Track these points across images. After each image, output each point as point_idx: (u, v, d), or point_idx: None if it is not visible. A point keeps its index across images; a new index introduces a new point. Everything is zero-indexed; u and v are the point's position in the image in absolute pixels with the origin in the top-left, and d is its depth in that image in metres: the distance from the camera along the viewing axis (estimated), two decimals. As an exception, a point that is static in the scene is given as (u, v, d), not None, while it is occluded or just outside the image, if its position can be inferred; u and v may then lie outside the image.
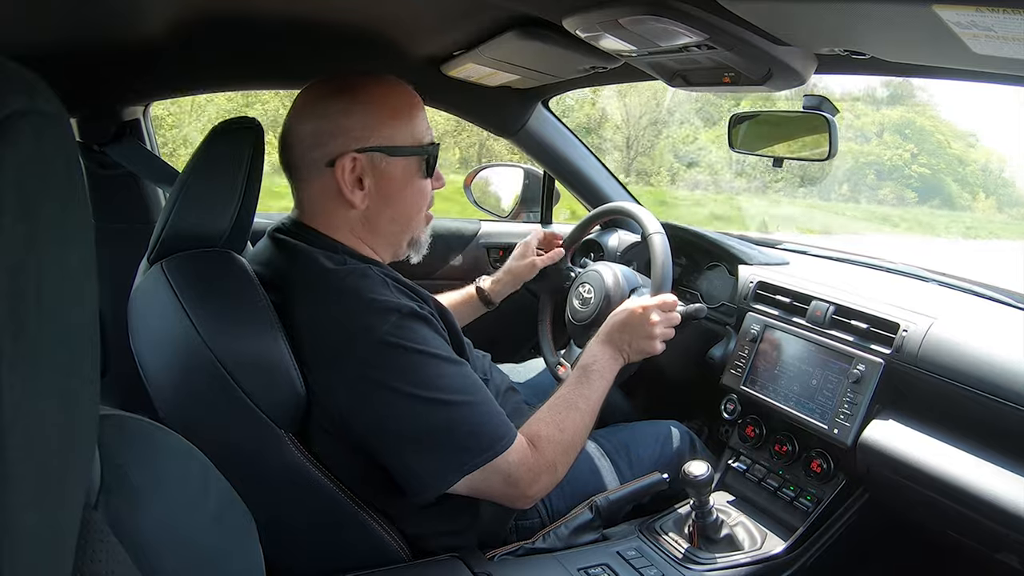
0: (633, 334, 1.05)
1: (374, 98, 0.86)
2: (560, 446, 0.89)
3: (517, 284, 1.31)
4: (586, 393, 0.96)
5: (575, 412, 0.93)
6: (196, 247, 0.84)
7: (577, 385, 0.98)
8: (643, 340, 1.05)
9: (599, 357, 1.02)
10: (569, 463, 0.91)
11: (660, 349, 1.07)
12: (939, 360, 0.97)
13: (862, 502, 1.06)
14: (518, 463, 0.84)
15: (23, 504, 0.26)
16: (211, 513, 0.52)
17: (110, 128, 1.26)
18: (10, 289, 0.24)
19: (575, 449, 0.92)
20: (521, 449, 0.85)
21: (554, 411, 0.93)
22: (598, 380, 0.99)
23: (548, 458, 0.87)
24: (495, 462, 0.82)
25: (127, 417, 0.47)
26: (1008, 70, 0.74)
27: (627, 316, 1.06)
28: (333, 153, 0.85)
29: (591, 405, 0.96)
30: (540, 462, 0.86)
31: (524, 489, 0.85)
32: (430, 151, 0.90)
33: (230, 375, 0.76)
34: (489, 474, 0.82)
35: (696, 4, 0.74)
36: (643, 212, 1.22)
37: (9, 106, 0.24)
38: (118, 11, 0.96)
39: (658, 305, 1.07)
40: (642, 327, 1.05)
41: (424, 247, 0.97)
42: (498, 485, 0.84)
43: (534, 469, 0.85)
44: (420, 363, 0.80)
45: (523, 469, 0.84)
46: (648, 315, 1.05)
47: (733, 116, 1.29)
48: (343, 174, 0.85)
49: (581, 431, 0.93)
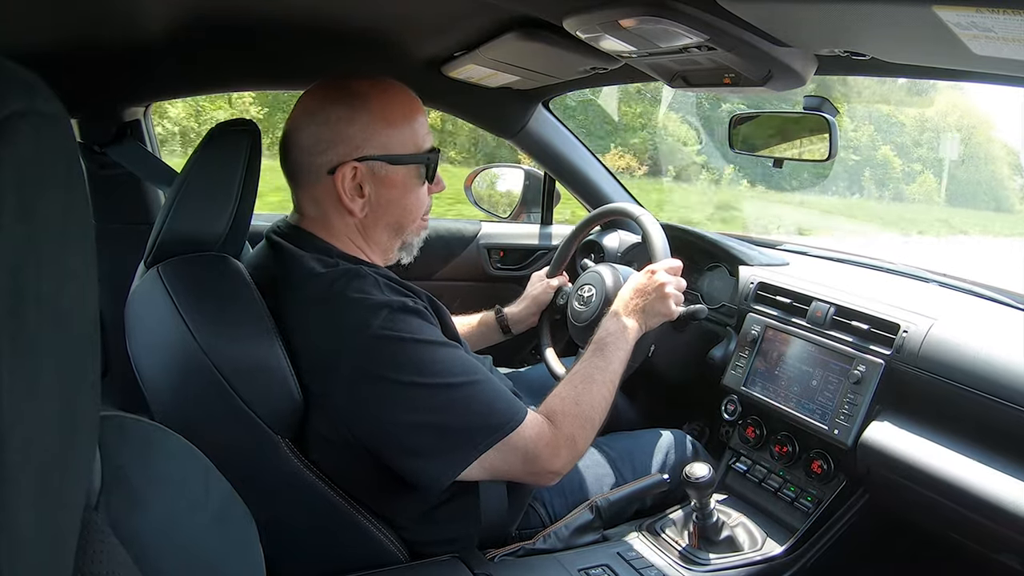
0: (648, 298, 1.04)
1: (376, 105, 0.86)
2: (577, 420, 0.88)
3: (537, 309, 1.31)
4: (601, 365, 0.95)
5: (592, 384, 0.93)
6: (193, 251, 0.84)
7: (592, 357, 0.97)
8: (657, 302, 1.04)
9: (615, 328, 1.01)
10: (589, 437, 0.90)
11: (676, 311, 1.06)
12: (939, 361, 0.97)
13: (862, 503, 1.06)
14: (535, 438, 0.83)
15: (23, 504, 0.25)
16: (212, 514, 0.52)
17: (111, 129, 1.26)
18: (10, 289, 0.24)
19: (593, 422, 0.91)
20: (537, 424, 0.84)
21: (570, 385, 0.92)
22: (614, 350, 0.98)
23: (566, 432, 0.87)
24: (510, 439, 0.81)
25: (127, 418, 0.47)
26: (1008, 71, 0.74)
27: (637, 284, 1.06)
28: (334, 161, 0.85)
29: (608, 376, 0.95)
30: (559, 436, 0.86)
31: (545, 464, 0.85)
32: (431, 158, 0.90)
33: (226, 381, 0.76)
34: (506, 453, 0.81)
35: (696, 5, 0.74)
36: (624, 204, 1.22)
37: (9, 106, 0.24)
38: (119, 11, 0.96)
39: (664, 268, 1.07)
40: (655, 289, 1.05)
41: (416, 249, 0.97)
42: (517, 463, 0.83)
43: (552, 444, 0.85)
44: (417, 351, 0.79)
45: (541, 444, 0.84)
46: (657, 278, 1.05)
47: (733, 117, 1.29)
48: (343, 182, 0.85)
49: (599, 403, 0.92)
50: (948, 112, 14.71)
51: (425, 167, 0.90)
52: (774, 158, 1.24)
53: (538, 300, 1.32)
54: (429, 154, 0.90)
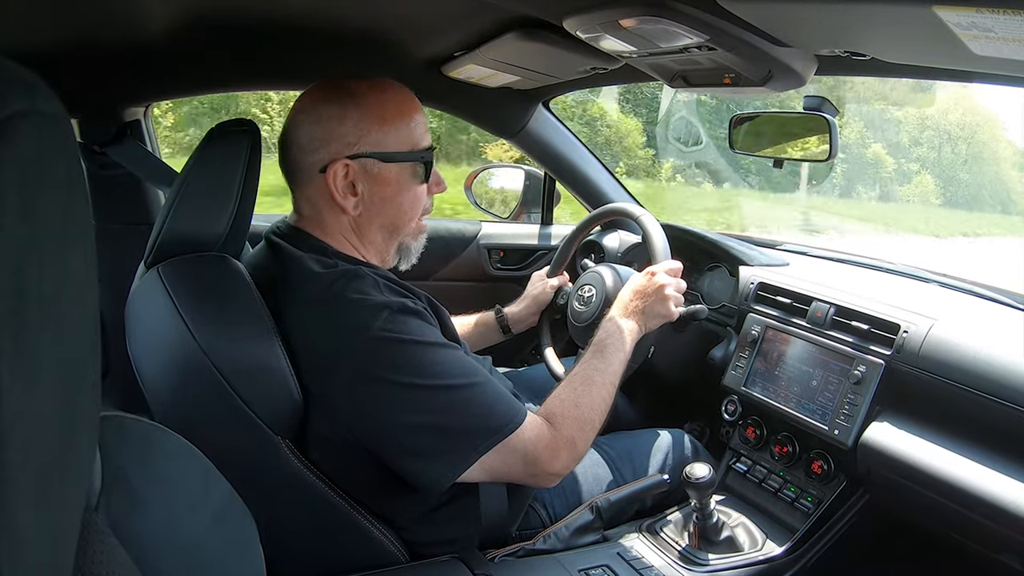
0: (647, 300, 1.04)
1: (369, 103, 0.86)
2: (577, 421, 0.88)
3: (537, 309, 1.32)
4: (601, 367, 0.95)
5: (591, 386, 0.92)
6: (193, 251, 0.84)
7: (592, 359, 0.97)
8: (657, 303, 1.04)
9: (614, 330, 1.01)
10: (589, 439, 0.90)
11: (676, 312, 1.06)
12: (940, 361, 0.97)
13: (863, 503, 1.06)
14: (534, 440, 0.83)
15: (23, 505, 0.25)
16: (212, 514, 0.52)
17: (111, 129, 1.26)
18: (11, 289, 0.24)
19: (593, 423, 0.91)
20: (536, 426, 0.84)
21: (569, 387, 0.92)
22: (614, 352, 0.98)
23: (566, 434, 0.87)
24: (510, 441, 0.81)
25: (127, 418, 0.47)
26: (1008, 71, 0.74)
27: (637, 285, 1.06)
28: (326, 159, 0.85)
29: (608, 378, 0.95)
30: (558, 438, 0.86)
31: (545, 466, 0.85)
32: (425, 156, 0.89)
33: (226, 381, 0.76)
34: (506, 455, 0.81)
35: (696, 5, 0.74)
36: (625, 204, 1.22)
37: (10, 106, 0.24)
38: (119, 12, 0.96)
39: (665, 270, 1.07)
40: (655, 291, 1.05)
41: (415, 255, 0.96)
42: (517, 465, 0.83)
43: (552, 446, 0.85)
44: (417, 353, 0.79)
45: (540, 446, 0.84)
46: (656, 279, 1.06)
47: (734, 117, 1.30)
48: (335, 180, 0.85)
49: (599, 405, 0.92)
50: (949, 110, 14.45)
51: (421, 166, 0.89)
52: (774, 158, 1.24)
53: (538, 300, 1.32)
54: (423, 152, 0.89)
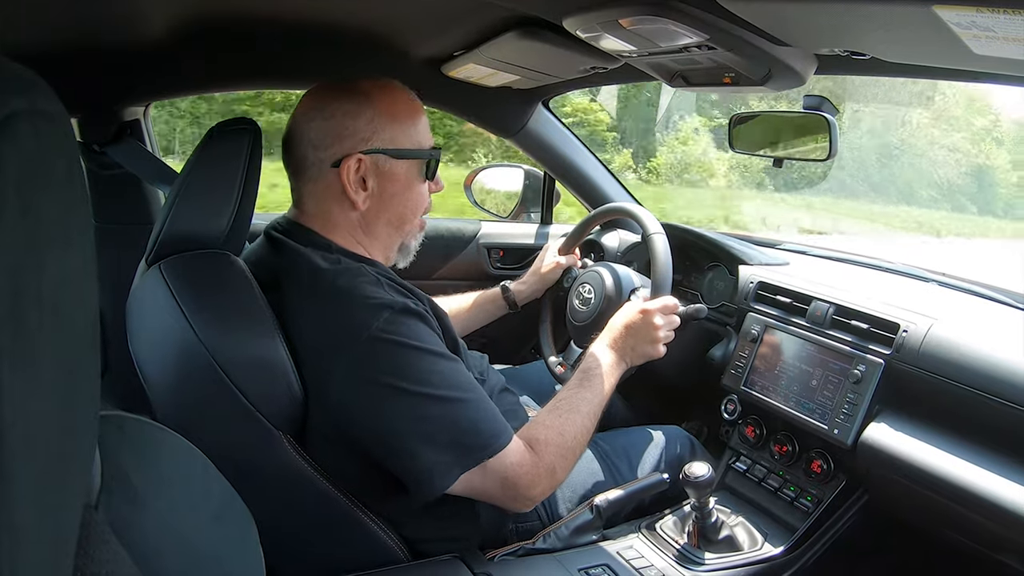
0: (636, 338, 1.05)
1: (380, 101, 0.88)
2: (560, 450, 0.89)
3: (543, 286, 1.34)
4: (587, 396, 0.96)
5: (576, 415, 0.93)
6: (194, 249, 0.84)
7: (578, 388, 0.97)
8: (646, 344, 1.05)
9: (601, 361, 1.02)
10: (569, 467, 0.91)
11: (663, 353, 1.07)
12: (939, 360, 0.97)
13: (862, 503, 1.06)
14: (516, 465, 0.84)
15: (23, 504, 0.25)
16: (211, 513, 0.52)
17: (110, 128, 1.26)
18: (11, 288, 0.24)
19: (575, 453, 0.92)
20: (519, 451, 0.85)
21: (554, 415, 0.93)
22: (599, 384, 0.99)
23: (547, 462, 0.87)
24: (492, 462, 0.82)
25: (127, 417, 0.47)
26: (1008, 70, 0.74)
27: (629, 320, 1.07)
28: (339, 154, 0.86)
29: (592, 408, 0.96)
30: (539, 465, 0.86)
31: (523, 491, 0.85)
32: (432, 155, 0.92)
33: (228, 377, 0.76)
34: (487, 475, 0.82)
35: (696, 4, 0.74)
36: (644, 212, 1.21)
37: (9, 106, 0.24)
38: (119, 11, 0.96)
39: (660, 308, 1.07)
40: (645, 331, 1.05)
41: (412, 253, 0.98)
42: (495, 487, 0.83)
43: (532, 472, 0.85)
44: (414, 359, 0.80)
45: (521, 471, 0.84)
46: (651, 319, 1.06)
47: (733, 117, 1.30)
48: (348, 175, 0.86)
49: (582, 435, 0.92)
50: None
51: (427, 163, 0.92)
52: (774, 157, 1.24)
53: (545, 278, 1.34)
54: (432, 151, 0.92)
